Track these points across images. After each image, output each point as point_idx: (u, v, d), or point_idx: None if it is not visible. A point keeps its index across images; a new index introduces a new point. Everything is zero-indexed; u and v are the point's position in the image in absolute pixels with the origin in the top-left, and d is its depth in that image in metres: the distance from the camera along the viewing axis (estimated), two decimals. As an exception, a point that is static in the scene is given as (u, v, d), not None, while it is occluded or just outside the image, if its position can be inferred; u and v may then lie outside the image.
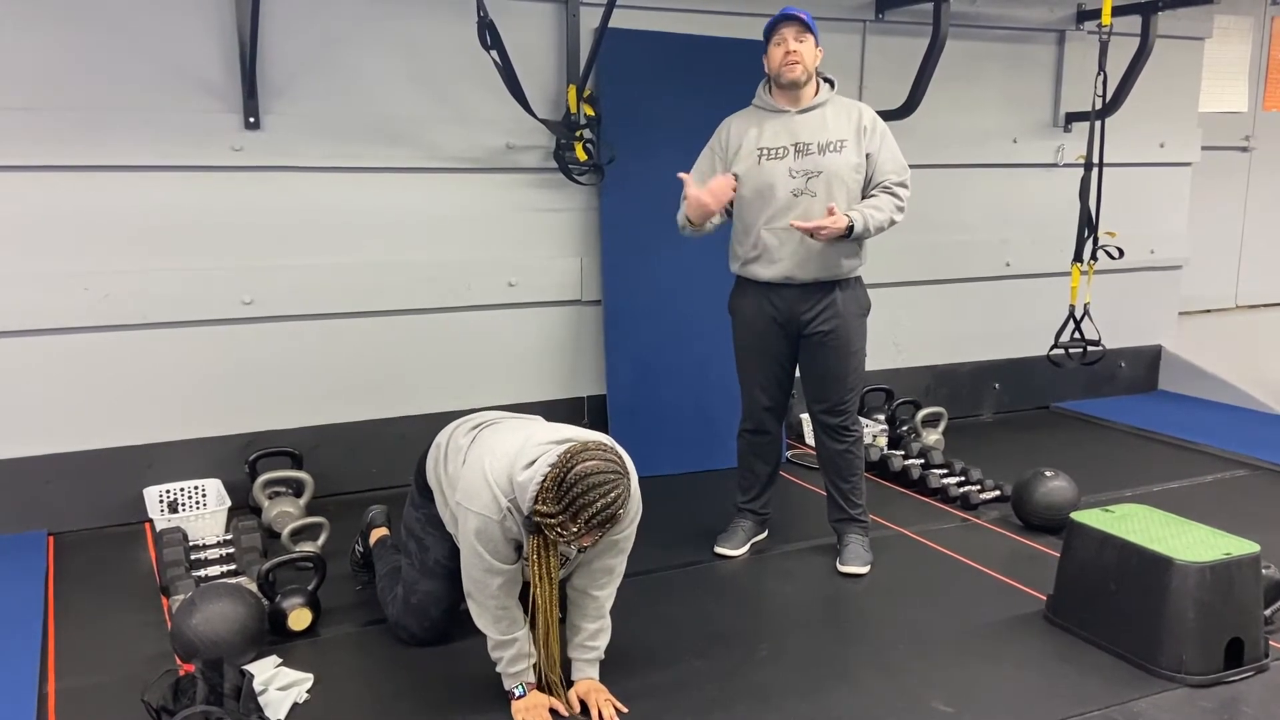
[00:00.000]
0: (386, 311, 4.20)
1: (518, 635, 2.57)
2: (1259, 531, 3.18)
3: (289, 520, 3.64)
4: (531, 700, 2.58)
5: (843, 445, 3.51)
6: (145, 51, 3.72)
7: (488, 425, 2.75)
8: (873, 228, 3.24)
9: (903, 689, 2.75)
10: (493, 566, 2.48)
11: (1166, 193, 5.90)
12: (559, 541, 2.39)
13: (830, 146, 3.27)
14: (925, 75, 4.72)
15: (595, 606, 2.64)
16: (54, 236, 3.69)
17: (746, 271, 3.43)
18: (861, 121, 3.32)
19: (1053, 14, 5.34)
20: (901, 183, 3.34)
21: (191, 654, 2.69)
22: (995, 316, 5.55)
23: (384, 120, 4.08)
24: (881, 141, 3.32)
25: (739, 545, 3.65)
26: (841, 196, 3.27)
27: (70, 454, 3.81)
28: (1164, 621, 2.78)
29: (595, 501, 2.29)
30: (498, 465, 2.44)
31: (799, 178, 3.28)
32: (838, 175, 3.27)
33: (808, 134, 3.29)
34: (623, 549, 2.63)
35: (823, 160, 3.27)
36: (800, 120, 3.32)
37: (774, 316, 3.41)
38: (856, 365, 3.48)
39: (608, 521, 2.34)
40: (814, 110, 3.33)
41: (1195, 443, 5.06)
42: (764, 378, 3.52)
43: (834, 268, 3.34)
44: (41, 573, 3.43)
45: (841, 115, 3.33)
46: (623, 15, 4.16)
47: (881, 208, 3.28)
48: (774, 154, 3.31)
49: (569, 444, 2.38)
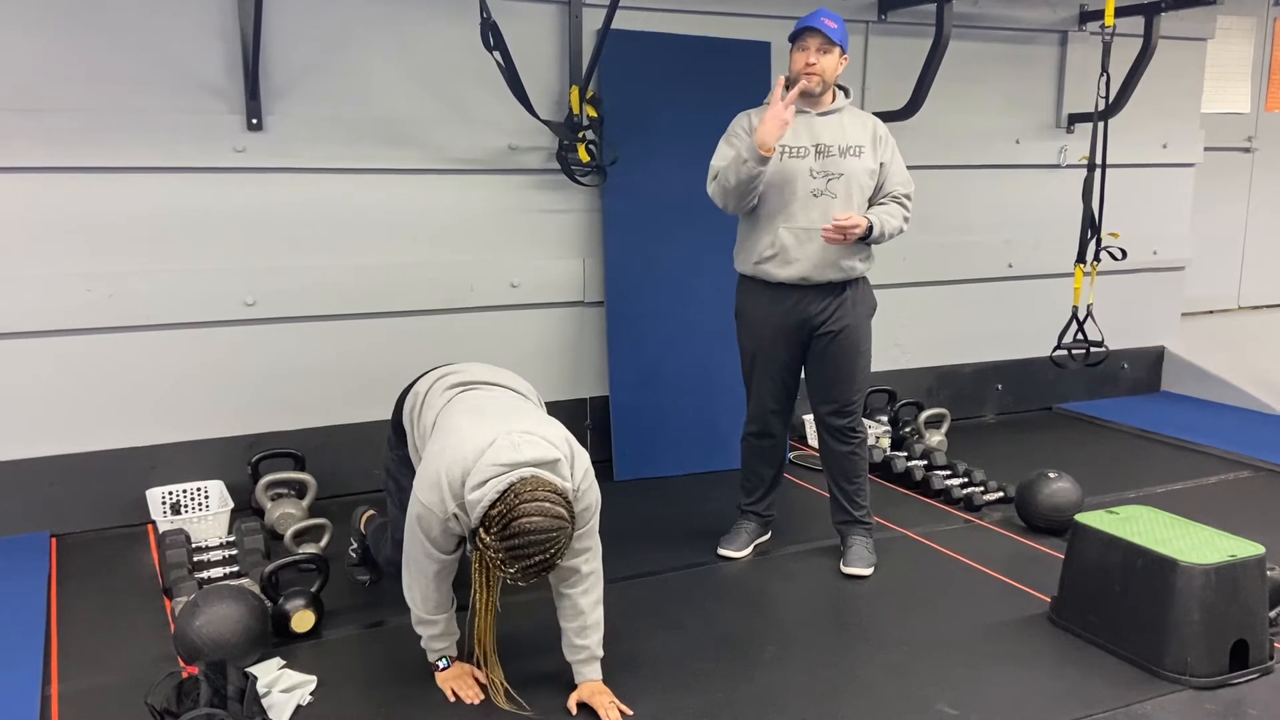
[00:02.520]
0: (389, 313, 4.20)
1: (440, 618, 2.65)
2: (1263, 533, 3.18)
3: (292, 522, 3.63)
4: (455, 671, 2.70)
5: (848, 447, 3.52)
6: (148, 53, 3.72)
7: (465, 391, 2.75)
8: (887, 233, 3.33)
9: (908, 691, 2.75)
10: (431, 554, 2.53)
11: (1169, 194, 5.90)
12: (497, 571, 2.41)
13: (851, 151, 3.31)
14: (928, 76, 4.72)
15: (570, 605, 2.62)
16: (57, 238, 3.69)
17: (759, 271, 3.40)
18: (876, 132, 3.38)
19: (1055, 15, 5.34)
20: (908, 194, 3.42)
21: (195, 656, 2.69)
22: (998, 317, 5.55)
23: (386, 121, 4.08)
24: (893, 153, 3.40)
25: (742, 547, 3.65)
26: (857, 200, 3.32)
27: (73, 455, 3.81)
28: (1169, 623, 2.78)
29: (534, 555, 2.31)
30: (454, 470, 2.42)
31: (819, 178, 3.30)
32: (856, 180, 3.32)
33: (829, 136, 3.31)
34: (585, 552, 2.60)
35: (844, 163, 3.30)
36: (821, 122, 3.33)
37: (784, 319, 3.41)
38: (864, 365, 3.49)
39: (545, 571, 2.37)
40: (833, 114, 3.35)
41: (1198, 444, 5.05)
42: (772, 382, 3.51)
43: (848, 269, 3.37)
44: (44, 574, 3.43)
45: (858, 123, 3.37)
46: (625, 16, 4.16)
47: (894, 215, 3.36)
48: (796, 152, 3.31)
49: (519, 473, 2.34)
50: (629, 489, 4.33)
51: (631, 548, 3.64)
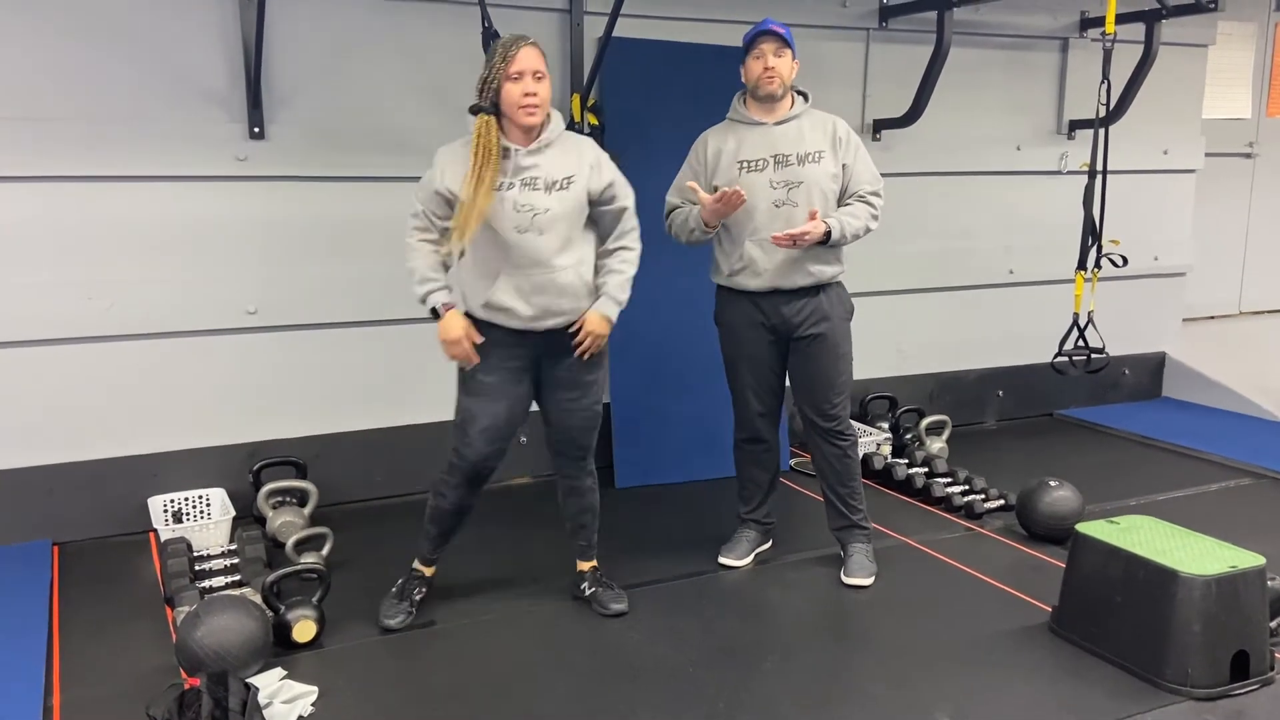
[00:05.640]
0: (390, 321, 4.20)
1: (438, 275, 2.99)
2: (1263, 541, 3.18)
3: (293, 530, 3.64)
4: (450, 321, 2.96)
5: (839, 449, 3.53)
6: (150, 62, 3.73)
7: None
8: (849, 234, 3.32)
9: (909, 702, 2.75)
10: (419, 213, 3.00)
11: (1170, 199, 5.90)
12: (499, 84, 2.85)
13: (809, 157, 3.33)
14: (929, 83, 4.73)
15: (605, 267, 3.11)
16: (59, 247, 3.69)
17: (733, 282, 3.46)
18: (836, 133, 3.38)
19: (1056, 22, 5.34)
20: (875, 192, 3.41)
21: (197, 667, 2.69)
22: (999, 324, 5.55)
23: (388, 130, 4.08)
24: (856, 153, 3.39)
25: (743, 555, 3.65)
26: (821, 206, 3.32)
27: (75, 464, 3.82)
28: (1170, 634, 2.78)
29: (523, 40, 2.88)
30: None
31: (780, 189, 3.33)
32: (817, 185, 3.33)
33: (786, 145, 3.34)
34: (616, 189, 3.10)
35: (802, 171, 3.32)
36: (778, 132, 3.36)
37: (763, 323, 3.45)
38: (845, 367, 3.51)
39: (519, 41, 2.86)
40: (790, 122, 3.37)
41: (1199, 450, 5.05)
42: (756, 384, 3.54)
43: (818, 273, 3.39)
44: (46, 582, 3.44)
45: (817, 127, 3.38)
46: (626, 24, 4.16)
47: (858, 215, 3.35)
48: (754, 166, 3.35)
49: None
50: (630, 496, 4.33)
51: (633, 556, 3.65)
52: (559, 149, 2.97)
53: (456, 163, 2.91)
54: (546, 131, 2.94)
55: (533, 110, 2.85)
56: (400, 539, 3.66)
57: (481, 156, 2.85)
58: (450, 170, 2.92)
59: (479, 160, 2.84)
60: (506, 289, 2.93)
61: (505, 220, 2.88)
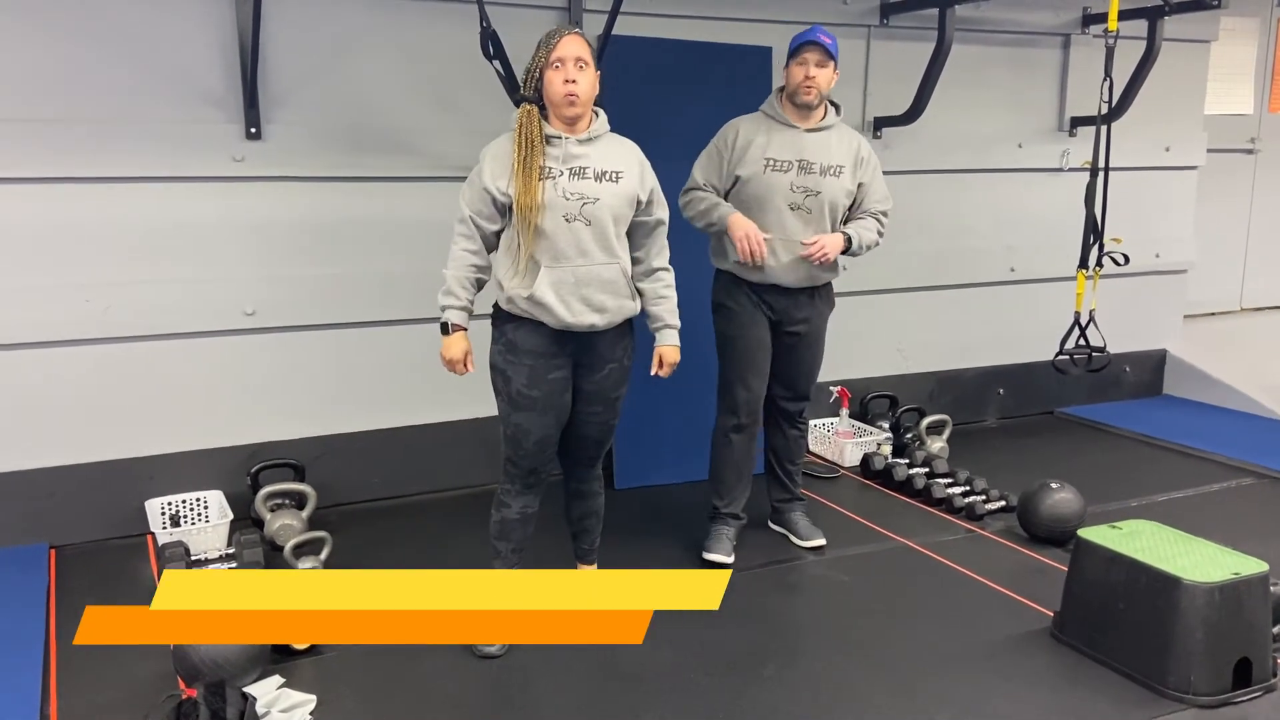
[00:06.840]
0: (389, 321, 4.17)
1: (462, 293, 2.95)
2: (1265, 543, 3.18)
3: (291, 534, 3.62)
4: (454, 342, 2.97)
5: (800, 431, 3.84)
6: (145, 62, 3.69)
7: None
8: (864, 246, 3.53)
9: (910, 708, 2.74)
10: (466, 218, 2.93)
11: (1172, 196, 5.87)
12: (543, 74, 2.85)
13: (831, 170, 3.47)
14: (930, 80, 4.70)
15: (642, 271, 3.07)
16: (55, 248, 3.66)
17: (738, 270, 3.56)
18: (860, 153, 3.53)
19: (1058, 18, 5.31)
20: (885, 211, 3.61)
21: (194, 676, 2.67)
22: (1000, 322, 5.53)
23: (386, 130, 4.05)
24: (874, 174, 3.57)
25: (729, 551, 3.69)
26: (829, 219, 3.50)
27: (72, 466, 3.79)
28: (1172, 641, 2.77)
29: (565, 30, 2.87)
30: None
31: (798, 193, 3.45)
32: (832, 199, 3.48)
33: (812, 153, 3.45)
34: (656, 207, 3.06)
35: (823, 181, 3.46)
36: (808, 139, 3.46)
37: (761, 310, 3.59)
38: (820, 358, 3.77)
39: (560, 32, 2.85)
40: (821, 132, 3.49)
41: (1201, 450, 5.04)
42: (757, 367, 3.65)
43: (818, 276, 3.56)
44: (43, 586, 3.42)
45: (844, 143, 3.51)
46: (626, 22, 4.13)
47: (869, 228, 3.56)
48: (779, 166, 3.44)
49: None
50: (629, 498, 4.31)
51: (631, 557, 3.63)
52: (607, 143, 2.97)
53: (501, 158, 2.88)
54: (595, 125, 2.94)
55: (573, 101, 2.82)
56: (400, 542, 3.66)
57: (525, 147, 2.82)
58: (491, 166, 2.88)
59: (523, 151, 2.82)
60: (546, 284, 2.86)
61: (554, 208, 2.84)
